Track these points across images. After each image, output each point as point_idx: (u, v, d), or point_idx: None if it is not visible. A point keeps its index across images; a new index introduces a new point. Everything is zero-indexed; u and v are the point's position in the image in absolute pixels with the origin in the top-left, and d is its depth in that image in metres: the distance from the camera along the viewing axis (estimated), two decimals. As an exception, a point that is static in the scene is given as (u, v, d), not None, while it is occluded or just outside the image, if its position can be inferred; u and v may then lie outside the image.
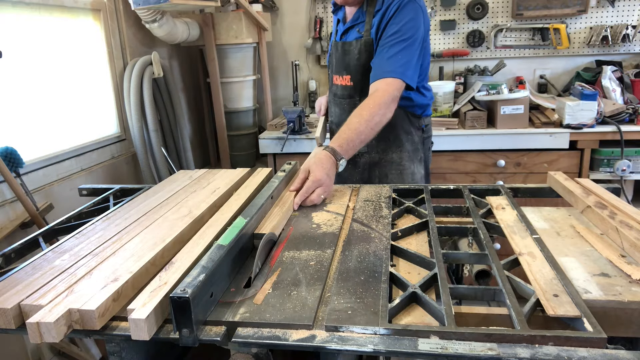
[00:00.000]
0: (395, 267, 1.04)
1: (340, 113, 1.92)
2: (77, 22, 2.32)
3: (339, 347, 0.77)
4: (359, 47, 1.77)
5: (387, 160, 1.87)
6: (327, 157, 1.45)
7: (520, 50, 3.17)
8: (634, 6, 2.99)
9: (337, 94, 1.92)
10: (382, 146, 1.85)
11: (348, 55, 1.82)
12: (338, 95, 1.92)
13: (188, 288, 0.80)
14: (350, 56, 1.81)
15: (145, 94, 2.54)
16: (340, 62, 1.85)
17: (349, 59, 1.81)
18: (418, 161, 1.91)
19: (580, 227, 1.17)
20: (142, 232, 1.15)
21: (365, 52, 1.75)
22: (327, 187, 1.41)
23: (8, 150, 1.80)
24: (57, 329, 0.79)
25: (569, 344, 0.74)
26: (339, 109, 1.93)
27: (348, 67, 1.83)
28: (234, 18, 2.90)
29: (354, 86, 1.83)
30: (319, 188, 1.38)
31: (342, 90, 1.89)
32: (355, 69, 1.80)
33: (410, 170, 1.88)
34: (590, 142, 2.61)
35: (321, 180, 1.39)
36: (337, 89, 1.92)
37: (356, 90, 1.83)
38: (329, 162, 1.44)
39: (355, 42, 1.78)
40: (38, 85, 2.07)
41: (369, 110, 1.55)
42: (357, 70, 1.80)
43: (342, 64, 1.85)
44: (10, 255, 1.20)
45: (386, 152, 1.86)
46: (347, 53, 1.82)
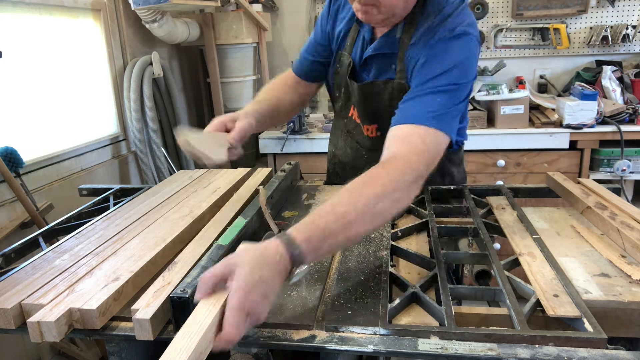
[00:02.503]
0: (395, 267, 1.04)
1: (356, 157, 1.48)
2: (77, 22, 2.32)
3: (339, 348, 0.77)
4: (389, 92, 1.28)
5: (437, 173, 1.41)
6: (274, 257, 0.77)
7: (520, 50, 3.17)
8: (634, 6, 2.99)
9: (356, 137, 1.47)
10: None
11: (376, 97, 1.32)
12: (357, 140, 1.47)
13: (188, 288, 0.80)
14: (380, 99, 1.31)
15: (145, 93, 2.54)
16: (362, 106, 1.38)
17: (378, 102, 1.32)
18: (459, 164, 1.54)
19: (580, 227, 1.17)
20: (142, 232, 1.15)
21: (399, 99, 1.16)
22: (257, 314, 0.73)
23: (8, 150, 1.80)
24: (58, 328, 0.79)
25: (569, 345, 0.74)
26: (355, 153, 1.49)
27: (374, 114, 1.36)
28: (234, 18, 2.90)
29: (380, 137, 1.30)
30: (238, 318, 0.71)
31: (364, 140, 1.44)
32: (383, 118, 1.24)
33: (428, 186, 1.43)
34: (590, 142, 2.61)
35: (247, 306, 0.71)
36: (355, 130, 1.46)
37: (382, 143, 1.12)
38: (274, 268, 0.76)
39: (384, 84, 1.28)
40: (38, 85, 2.07)
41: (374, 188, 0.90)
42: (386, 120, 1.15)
43: (366, 110, 1.38)
44: (10, 255, 1.20)
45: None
46: (372, 97, 1.32)
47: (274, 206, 1.33)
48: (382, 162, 1.00)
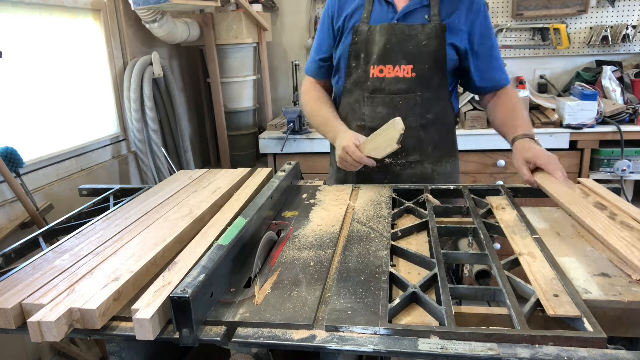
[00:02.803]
0: (395, 267, 1.04)
1: (389, 113, 1.54)
2: (77, 22, 2.32)
3: (339, 347, 0.77)
4: (427, 33, 1.50)
5: (440, 173, 1.61)
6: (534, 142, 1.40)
7: (520, 50, 3.17)
8: (634, 6, 2.99)
9: (385, 89, 1.55)
10: (438, 154, 1.60)
11: (410, 41, 1.51)
12: (387, 90, 1.55)
13: (188, 288, 0.80)
14: (414, 42, 1.50)
15: (145, 93, 2.54)
16: (397, 50, 1.52)
17: (412, 45, 1.51)
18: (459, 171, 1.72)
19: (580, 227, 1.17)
20: (142, 232, 1.15)
21: (436, 39, 1.49)
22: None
23: (8, 150, 1.80)
24: (58, 328, 0.79)
25: (569, 344, 0.74)
26: (387, 108, 1.56)
27: (410, 55, 1.52)
28: (234, 18, 2.90)
29: (416, 78, 1.52)
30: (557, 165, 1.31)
31: (396, 83, 1.54)
32: (421, 57, 1.51)
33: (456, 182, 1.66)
34: (590, 142, 2.62)
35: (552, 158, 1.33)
36: (382, 83, 1.55)
37: (419, 83, 1.53)
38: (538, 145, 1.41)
39: (422, 27, 1.50)
40: (38, 85, 2.07)
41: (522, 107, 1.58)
42: (424, 60, 1.51)
43: (399, 52, 1.52)
44: (10, 255, 1.20)
45: (441, 163, 1.61)
46: (408, 39, 1.51)
47: (274, 206, 1.33)
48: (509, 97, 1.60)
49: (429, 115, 1.56)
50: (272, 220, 1.29)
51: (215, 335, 0.82)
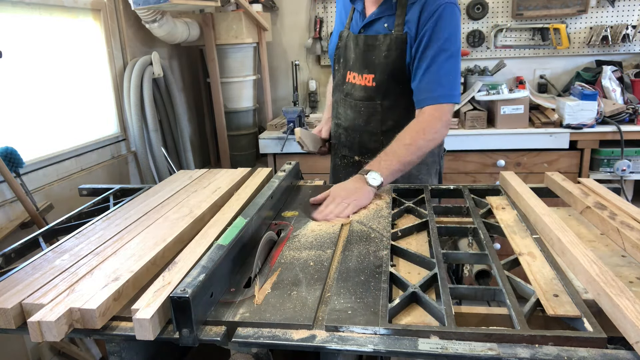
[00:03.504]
0: (395, 267, 1.04)
1: (354, 117, 1.69)
2: (77, 22, 2.32)
3: (339, 347, 0.77)
4: (387, 44, 1.54)
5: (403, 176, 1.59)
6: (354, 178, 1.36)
7: (520, 50, 3.17)
8: (634, 6, 2.99)
9: (353, 94, 1.68)
10: None
11: (372, 51, 1.57)
12: (354, 96, 1.67)
13: (188, 288, 0.80)
14: (376, 53, 1.57)
15: (145, 94, 2.54)
16: (361, 59, 1.61)
17: (374, 56, 1.57)
18: (435, 173, 1.76)
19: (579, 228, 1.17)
20: (142, 232, 1.15)
21: (396, 50, 1.52)
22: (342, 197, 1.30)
23: (8, 150, 1.80)
24: (58, 328, 0.79)
25: (569, 344, 0.74)
26: (353, 112, 1.69)
27: (371, 65, 1.59)
28: (234, 18, 2.90)
29: (376, 87, 1.60)
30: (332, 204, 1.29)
31: (360, 91, 1.65)
32: (380, 67, 1.57)
33: (424, 181, 1.73)
34: (590, 142, 2.62)
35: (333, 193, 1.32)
36: (352, 89, 1.67)
37: (379, 92, 1.60)
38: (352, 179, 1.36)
39: (383, 37, 1.55)
40: (38, 85, 2.07)
41: (410, 134, 1.44)
42: (383, 70, 1.57)
43: (364, 61, 1.60)
44: (10, 255, 1.20)
45: None
46: (370, 49, 1.58)
47: (274, 206, 1.33)
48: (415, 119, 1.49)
49: (389, 122, 1.63)
50: (272, 220, 1.29)
51: (215, 335, 0.82)
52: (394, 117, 1.63)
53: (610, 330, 0.76)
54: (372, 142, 1.68)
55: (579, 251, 0.94)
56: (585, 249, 0.95)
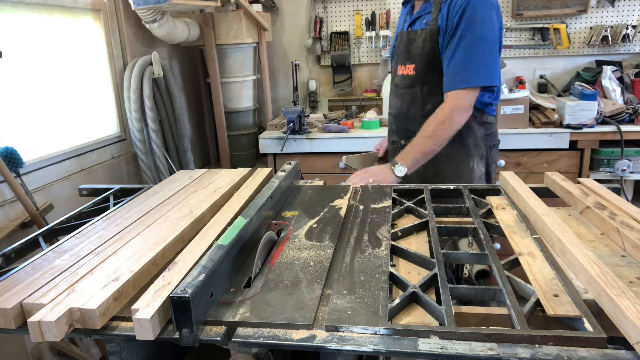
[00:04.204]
0: (395, 267, 1.04)
1: (400, 104, 1.90)
2: (77, 22, 2.32)
3: (339, 347, 0.77)
4: (423, 36, 1.76)
5: (443, 155, 1.74)
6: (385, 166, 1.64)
7: (520, 50, 3.17)
8: (634, 6, 2.99)
9: (399, 84, 1.90)
10: None
11: (413, 44, 1.80)
12: (399, 85, 1.89)
13: (188, 288, 0.80)
14: (415, 45, 1.79)
15: (145, 94, 2.54)
16: (405, 51, 1.84)
17: (414, 48, 1.80)
18: (479, 158, 1.83)
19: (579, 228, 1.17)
20: (142, 232, 1.15)
21: (430, 42, 1.74)
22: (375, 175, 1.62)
23: (8, 150, 1.80)
24: (58, 328, 0.79)
25: (569, 344, 0.74)
26: (399, 100, 1.90)
27: (412, 56, 1.81)
28: (234, 18, 2.90)
29: (416, 75, 1.81)
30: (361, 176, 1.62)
31: (403, 80, 1.87)
32: (419, 58, 1.79)
33: (469, 167, 1.80)
34: (590, 142, 2.61)
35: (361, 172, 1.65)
36: (399, 79, 1.90)
37: (418, 80, 1.81)
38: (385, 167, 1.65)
39: (421, 32, 1.77)
40: (38, 85, 2.07)
41: (431, 127, 1.66)
42: (421, 60, 1.78)
43: (407, 53, 1.84)
44: (10, 255, 1.20)
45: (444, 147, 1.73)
46: (412, 42, 1.81)
47: (274, 206, 1.33)
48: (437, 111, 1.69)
49: (429, 106, 1.78)
50: (272, 220, 1.29)
51: (215, 335, 0.82)
52: (433, 102, 1.77)
53: (610, 330, 0.76)
54: (415, 125, 1.78)
55: (579, 251, 0.94)
56: (585, 249, 0.95)
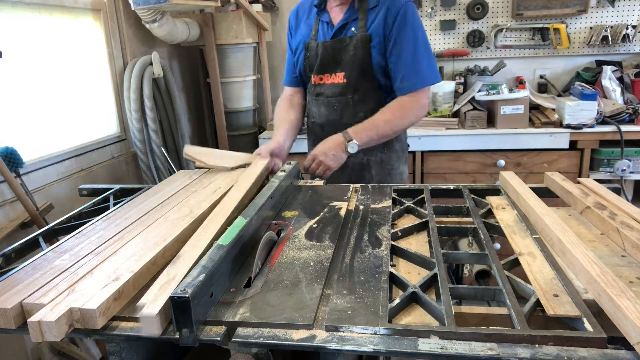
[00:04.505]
0: (395, 267, 1.04)
1: (329, 113, 1.85)
2: (77, 22, 2.32)
3: (339, 347, 0.77)
4: (354, 43, 1.73)
5: (375, 162, 1.84)
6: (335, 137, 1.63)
7: (520, 50, 3.17)
8: (634, 6, 2.99)
9: (324, 93, 1.84)
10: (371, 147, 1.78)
11: (341, 52, 1.77)
12: (326, 94, 1.84)
13: (188, 288, 0.80)
14: (345, 53, 1.76)
15: (145, 94, 2.54)
16: (330, 61, 1.80)
17: (343, 56, 1.77)
18: (404, 161, 1.91)
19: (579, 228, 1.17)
20: (142, 232, 1.15)
21: (362, 49, 1.72)
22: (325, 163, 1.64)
23: (8, 150, 1.80)
24: (58, 328, 0.79)
25: (569, 344, 0.74)
26: (327, 109, 1.85)
27: (341, 64, 1.78)
28: (234, 18, 2.90)
29: (347, 84, 1.78)
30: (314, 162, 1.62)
31: (331, 88, 1.82)
32: (350, 65, 1.76)
33: (399, 171, 1.87)
34: (590, 142, 2.61)
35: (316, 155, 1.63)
36: (323, 89, 1.85)
37: (349, 87, 1.78)
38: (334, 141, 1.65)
39: (349, 39, 1.74)
40: (38, 85, 2.07)
41: (391, 111, 1.68)
42: (353, 67, 1.75)
43: (333, 62, 1.80)
44: (10, 255, 1.20)
45: (374, 153, 1.83)
46: (339, 51, 1.78)
47: (274, 206, 1.33)
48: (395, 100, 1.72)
49: (360, 114, 1.78)
50: (272, 220, 1.29)
51: (215, 335, 0.82)
52: (365, 109, 1.78)
53: (610, 330, 0.76)
54: None
55: (580, 251, 0.94)
56: (585, 249, 0.95)
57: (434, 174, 2.75)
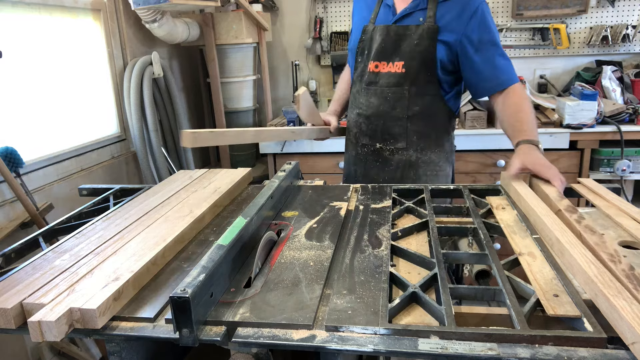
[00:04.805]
0: (395, 267, 1.04)
1: (379, 103, 1.74)
2: (77, 22, 2.32)
3: (339, 347, 0.77)
4: (419, 33, 1.64)
5: (424, 161, 1.73)
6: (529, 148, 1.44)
7: (520, 50, 3.17)
8: (634, 6, 2.99)
9: (378, 82, 1.73)
10: (423, 144, 1.73)
11: (403, 40, 1.67)
12: (380, 83, 1.73)
13: (188, 288, 0.80)
14: (407, 42, 1.66)
15: (145, 94, 2.54)
16: (390, 48, 1.70)
17: (405, 44, 1.67)
18: (451, 163, 1.82)
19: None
20: (142, 232, 1.15)
21: (427, 39, 1.63)
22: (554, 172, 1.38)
23: (8, 150, 1.80)
24: (59, 328, 0.79)
25: (569, 344, 0.74)
26: (378, 99, 1.74)
27: (401, 53, 1.68)
28: (234, 18, 2.90)
29: (406, 73, 1.68)
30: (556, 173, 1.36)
31: (387, 78, 1.71)
32: (411, 55, 1.66)
33: (445, 172, 1.78)
34: (590, 142, 2.62)
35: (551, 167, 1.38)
36: (378, 77, 1.73)
37: (407, 78, 1.68)
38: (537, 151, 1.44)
39: (415, 28, 1.65)
40: (38, 85, 2.07)
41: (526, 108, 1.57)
42: (414, 57, 1.66)
43: (392, 50, 1.69)
44: (10, 255, 1.20)
45: (425, 152, 1.73)
46: (402, 38, 1.67)
47: (274, 206, 1.33)
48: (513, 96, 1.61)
49: (415, 108, 1.69)
50: (272, 220, 1.29)
51: (215, 335, 0.82)
52: (420, 103, 1.69)
53: (611, 330, 0.76)
54: (397, 127, 1.72)
55: (578, 252, 0.94)
56: (584, 250, 0.95)
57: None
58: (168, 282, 0.99)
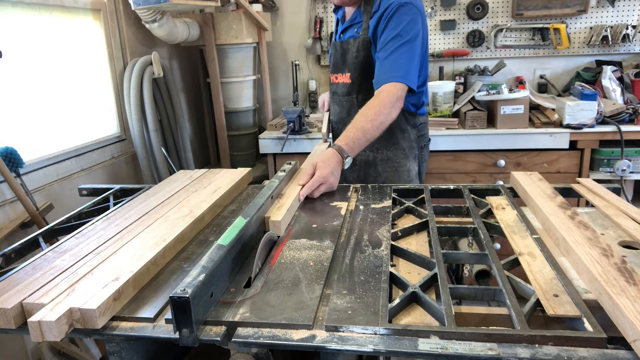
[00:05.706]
0: (395, 267, 1.04)
1: (340, 111, 1.97)
2: (77, 22, 2.32)
3: (339, 347, 0.77)
4: (356, 46, 1.82)
5: (382, 159, 1.89)
6: (334, 154, 1.51)
7: (520, 50, 3.17)
8: (634, 6, 2.99)
9: (337, 92, 1.97)
10: (377, 144, 1.85)
11: (347, 53, 1.86)
12: (338, 93, 1.96)
13: (188, 288, 0.80)
14: (349, 55, 1.85)
15: (145, 94, 2.54)
16: (340, 61, 1.91)
17: (348, 57, 1.86)
18: (413, 158, 1.93)
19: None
20: (143, 232, 1.15)
21: (363, 50, 1.79)
22: (332, 184, 1.48)
23: (8, 150, 1.80)
24: (59, 327, 0.79)
25: (569, 344, 0.74)
26: (339, 107, 1.98)
27: (347, 65, 1.88)
28: (234, 18, 2.90)
29: (352, 84, 1.88)
30: (323, 185, 1.45)
31: (341, 88, 1.93)
32: (353, 66, 1.85)
33: (406, 168, 1.90)
34: (590, 142, 2.61)
35: (326, 177, 1.45)
36: (336, 87, 1.97)
37: (354, 88, 1.88)
38: (335, 160, 1.50)
39: (353, 41, 1.83)
40: (38, 85, 2.07)
41: (373, 109, 1.61)
42: (355, 68, 1.84)
43: (342, 63, 1.90)
44: (10, 255, 1.20)
45: (382, 151, 1.88)
46: (346, 52, 1.87)
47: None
48: (373, 97, 1.64)
49: None
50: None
51: (215, 335, 0.82)
52: None
53: (611, 330, 0.76)
54: None
55: (583, 251, 0.94)
56: (589, 249, 0.95)
57: (434, 174, 2.74)
58: (168, 282, 0.99)
